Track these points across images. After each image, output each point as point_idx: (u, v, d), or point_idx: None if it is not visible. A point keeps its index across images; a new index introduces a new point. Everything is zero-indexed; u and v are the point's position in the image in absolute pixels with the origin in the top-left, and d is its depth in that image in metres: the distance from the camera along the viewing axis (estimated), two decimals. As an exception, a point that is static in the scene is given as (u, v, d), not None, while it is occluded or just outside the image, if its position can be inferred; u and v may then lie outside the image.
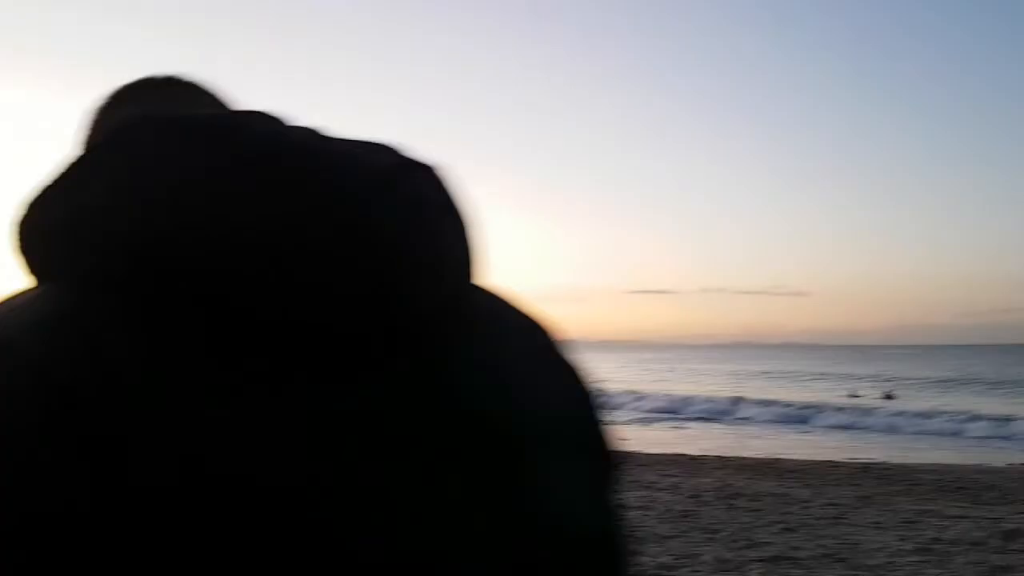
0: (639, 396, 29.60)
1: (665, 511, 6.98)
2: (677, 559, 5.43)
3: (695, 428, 21.43)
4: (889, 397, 31.11)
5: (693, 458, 14.55)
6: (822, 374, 50.84)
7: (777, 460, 14.30)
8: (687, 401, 27.23)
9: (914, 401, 29.52)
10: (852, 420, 21.51)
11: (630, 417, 23.97)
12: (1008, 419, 19.99)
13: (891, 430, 19.94)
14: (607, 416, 0.53)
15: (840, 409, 24.44)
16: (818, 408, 24.60)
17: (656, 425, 22.31)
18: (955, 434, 19.40)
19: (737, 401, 27.06)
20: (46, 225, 0.40)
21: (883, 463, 14.08)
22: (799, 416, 22.31)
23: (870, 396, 32.14)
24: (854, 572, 5.37)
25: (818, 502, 8.07)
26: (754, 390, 38.02)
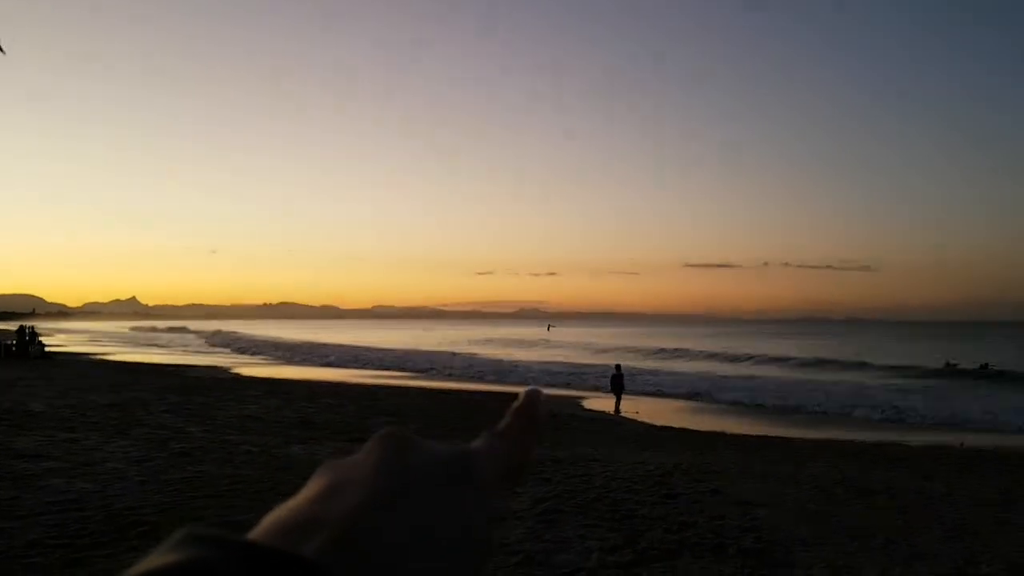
0: (720, 377, 28.54)
1: (798, 509, 6.08)
2: (836, 571, 4.57)
3: (762, 408, 20.33)
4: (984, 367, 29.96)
5: (787, 440, 13.57)
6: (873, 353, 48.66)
7: (878, 446, 13.20)
8: (752, 379, 26.10)
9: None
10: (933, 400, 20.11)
11: (705, 394, 22.94)
12: None
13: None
14: None
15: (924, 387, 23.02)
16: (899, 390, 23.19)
17: (731, 405, 21.27)
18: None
19: (796, 384, 25.81)
20: None
21: (994, 448, 12.86)
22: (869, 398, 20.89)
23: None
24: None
25: (962, 499, 7.06)
26: (829, 367, 36.42)
